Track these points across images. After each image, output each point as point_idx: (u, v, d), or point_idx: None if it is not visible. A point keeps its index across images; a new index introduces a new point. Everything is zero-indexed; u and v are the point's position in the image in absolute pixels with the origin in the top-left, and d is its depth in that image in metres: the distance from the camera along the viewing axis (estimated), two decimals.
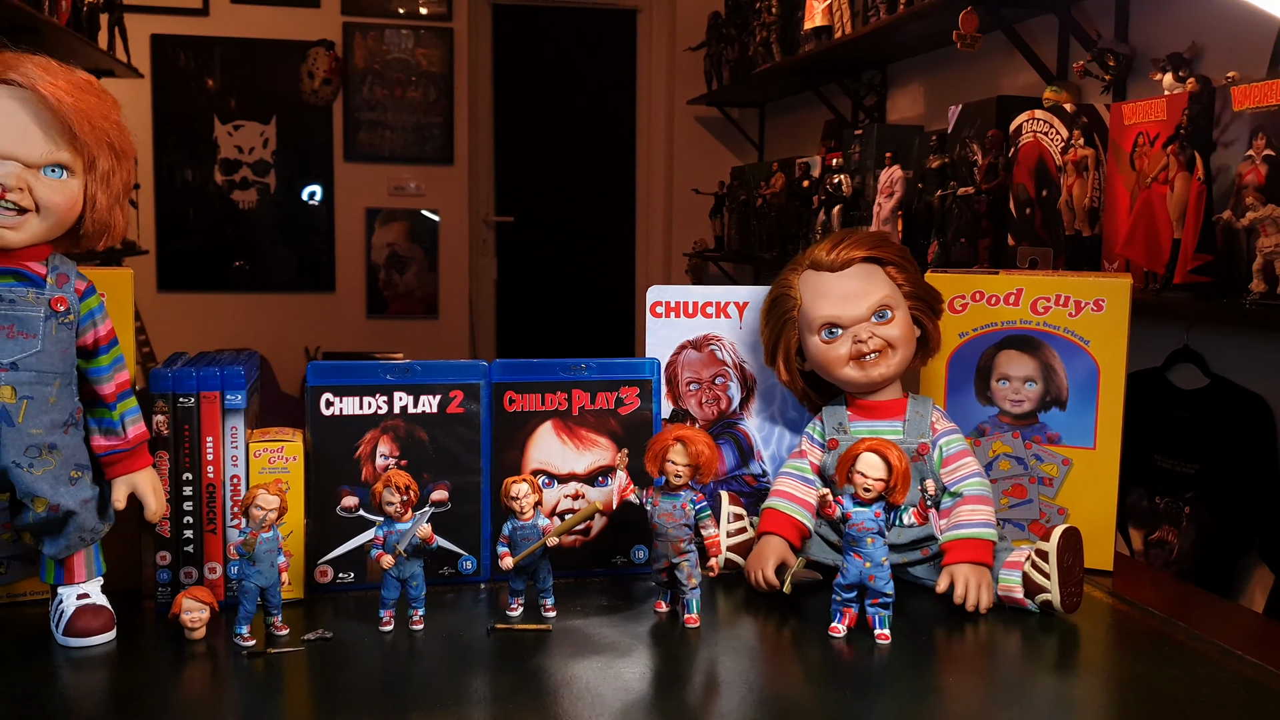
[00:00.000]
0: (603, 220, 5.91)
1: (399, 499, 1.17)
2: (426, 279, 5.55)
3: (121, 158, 1.13)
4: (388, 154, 5.41)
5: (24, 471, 1.09)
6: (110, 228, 1.14)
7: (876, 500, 1.14)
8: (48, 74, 1.07)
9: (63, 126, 1.07)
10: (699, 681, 1.09)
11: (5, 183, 1.06)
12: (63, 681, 1.09)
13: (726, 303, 1.45)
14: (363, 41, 5.30)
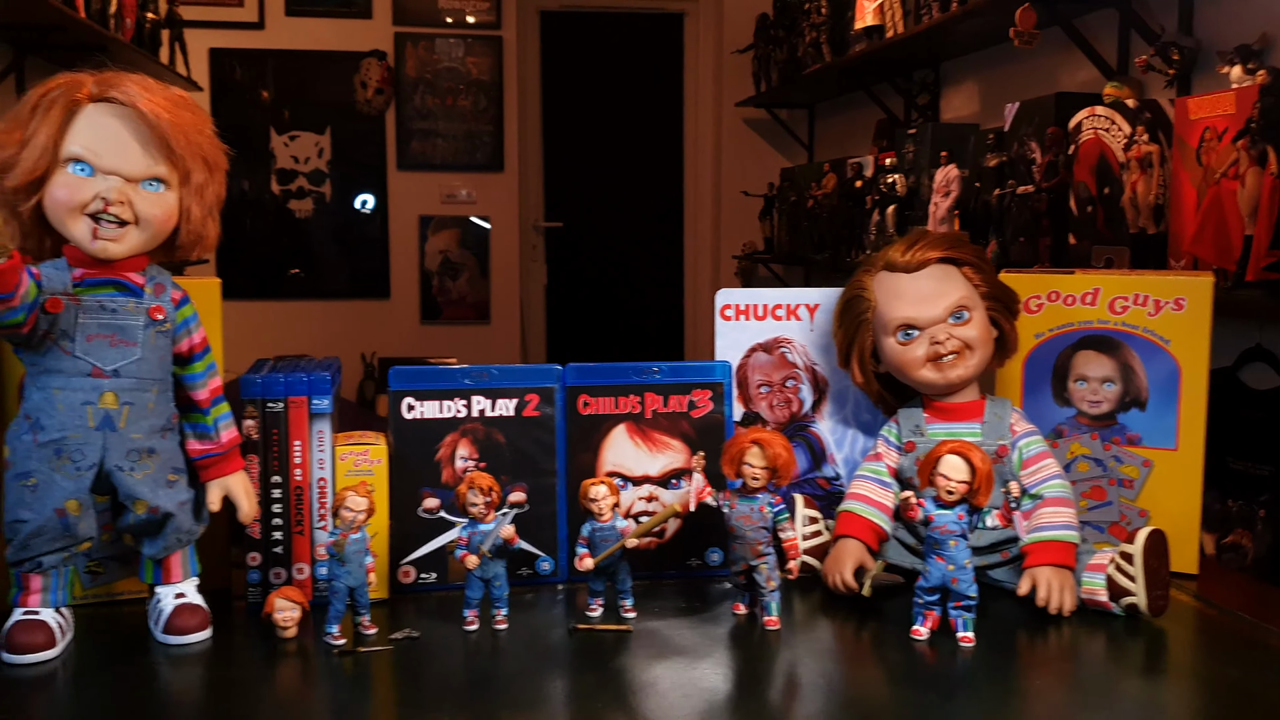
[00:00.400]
0: (651, 224, 5.92)
1: (482, 500, 1.19)
2: (478, 285, 5.60)
3: (214, 170, 1.17)
4: (439, 162, 5.46)
5: (125, 474, 1.13)
6: (203, 238, 1.18)
7: (959, 503, 1.14)
8: (146, 91, 1.11)
9: (160, 142, 1.11)
10: (781, 683, 1.10)
11: (108, 196, 1.09)
12: (162, 678, 1.12)
13: (797, 305, 1.46)
14: (414, 51, 5.36)
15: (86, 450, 1.11)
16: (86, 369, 1.11)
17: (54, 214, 1.10)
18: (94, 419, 1.11)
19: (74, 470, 1.11)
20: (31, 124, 1.09)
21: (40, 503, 1.11)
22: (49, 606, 1.15)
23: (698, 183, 5.79)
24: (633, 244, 5.95)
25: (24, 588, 1.14)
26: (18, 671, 1.10)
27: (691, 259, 5.87)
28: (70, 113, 1.09)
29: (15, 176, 1.08)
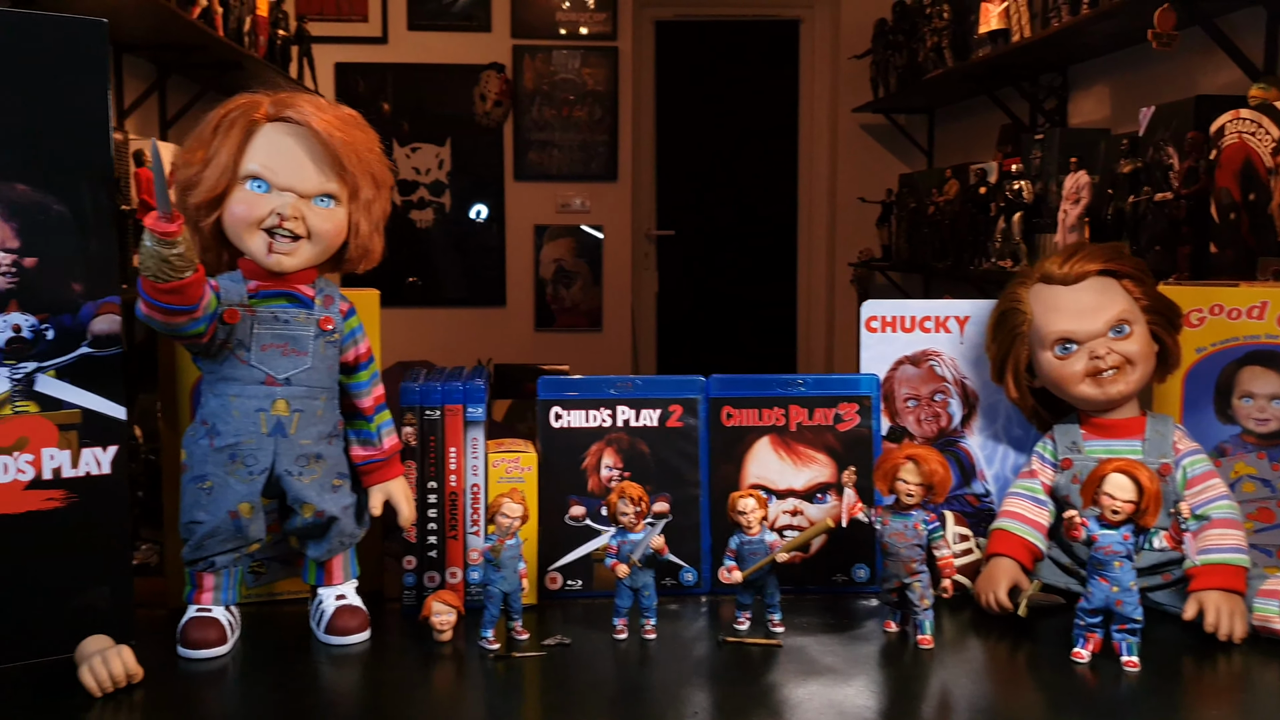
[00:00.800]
0: (764, 232, 5.90)
1: (633, 510, 1.20)
2: (591, 293, 5.65)
3: (381, 187, 1.21)
4: (555, 172, 5.53)
5: (294, 479, 1.17)
6: (370, 252, 1.22)
7: (1125, 523, 1.11)
8: (319, 110, 1.15)
9: (332, 159, 1.15)
10: (936, 705, 1.09)
11: (283, 212, 1.14)
12: (325, 677, 1.16)
13: (946, 317, 1.44)
14: (531, 63, 5.44)
15: (259, 455, 1.15)
16: (260, 377, 1.15)
17: (232, 229, 1.15)
18: (266, 425, 1.15)
19: (247, 474, 1.15)
20: (213, 144, 1.14)
21: (215, 505, 1.16)
22: (220, 604, 1.20)
23: (812, 189, 5.74)
24: (745, 252, 5.94)
25: (198, 586, 1.20)
26: (193, 666, 1.16)
27: (805, 267, 5.82)
28: (249, 132, 1.14)
29: (198, 194, 1.14)
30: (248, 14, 3.80)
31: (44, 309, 1.14)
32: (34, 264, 1.13)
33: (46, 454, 1.15)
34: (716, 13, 5.71)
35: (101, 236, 1.16)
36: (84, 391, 1.16)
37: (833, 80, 5.53)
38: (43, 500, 1.15)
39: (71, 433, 1.16)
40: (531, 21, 5.40)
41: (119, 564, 1.20)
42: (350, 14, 5.27)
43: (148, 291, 1.06)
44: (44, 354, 1.14)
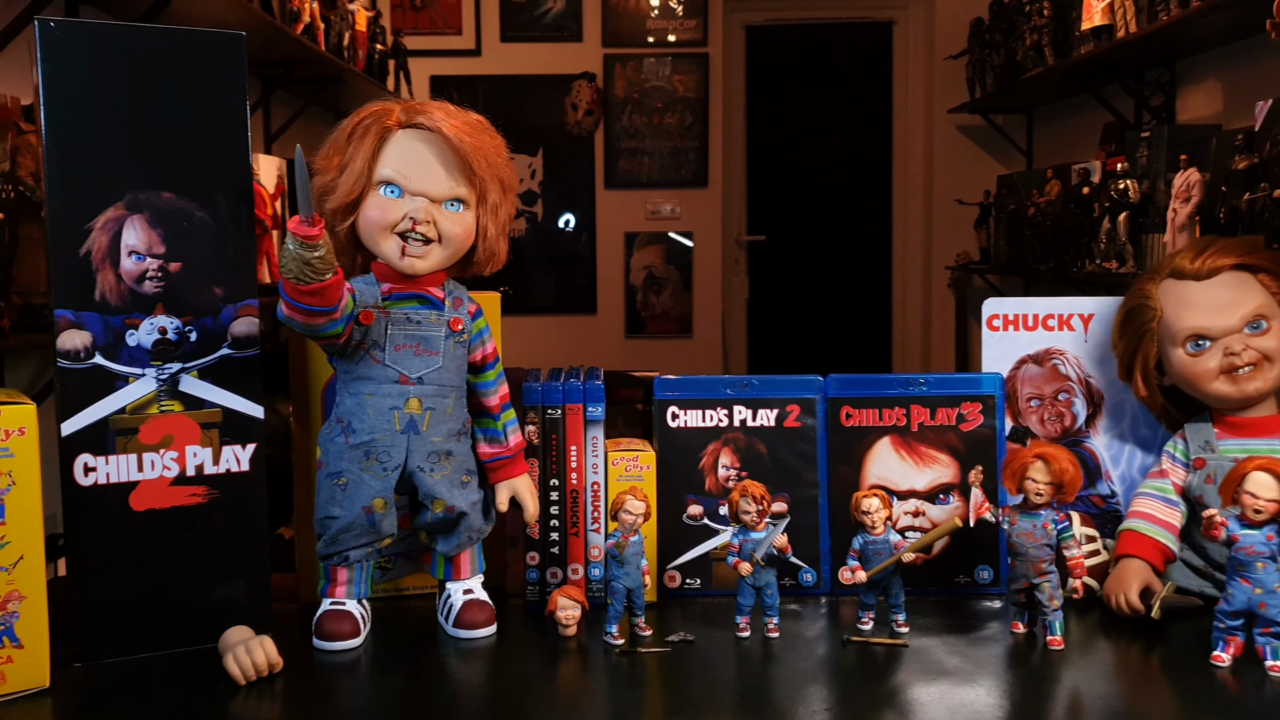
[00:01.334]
0: (857, 236, 5.85)
1: (755, 508, 1.21)
2: (681, 299, 5.66)
3: (507, 191, 1.23)
4: (645, 179, 5.56)
5: (426, 475, 1.20)
6: (496, 255, 1.25)
7: (1268, 522, 1.08)
8: (449, 117, 1.19)
9: (463, 164, 1.18)
10: (1068, 706, 1.07)
11: (415, 216, 1.17)
12: (453, 669, 1.18)
13: (1070, 315, 1.42)
14: (622, 72, 5.48)
15: (393, 452, 1.19)
16: (394, 376, 1.19)
17: (366, 233, 1.19)
18: (400, 423, 1.19)
19: (381, 470, 1.19)
20: (348, 151, 1.18)
21: (350, 500, 1.19)
22: (353, 598, 1.23)
23: (907, 192, 5.68)
24: (838, 256, 5.89)
25: (332, 580, 1.23)
26: (327, 658, 1.19)
27: (900, 270, 5.76)
28: (382, 139, 1.18)
29: (334, 199, 1.18)
30: (347, 30, 3.91)
31: (188, 312, 1.18)
32: (179, 269, 1.18)
33: (190, 451, 1.20)
34: (808, 16, 5.69)
35: (240, 242, 1.20)
36: (224, 391, 1.21)
37: (927, 81, 5.47)
38: (186, 496, 1.20)
39: (213, 431, 1.21)
40: (622, 30, 5.44)
41: (257, 558, 1.24)
42: (445, 28, 5.37)
43: (289, 293, 1.10)
44: (187, 355, 1.19)
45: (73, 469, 1.15)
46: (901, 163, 5.69)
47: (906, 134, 5.65)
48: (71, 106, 1.13)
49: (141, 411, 1.17)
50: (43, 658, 1.10)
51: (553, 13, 5.40)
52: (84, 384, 1.15)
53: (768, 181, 5.81)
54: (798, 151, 5.83)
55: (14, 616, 1.08)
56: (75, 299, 1.14)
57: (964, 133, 5.36)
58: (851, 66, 5.78)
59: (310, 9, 3.40)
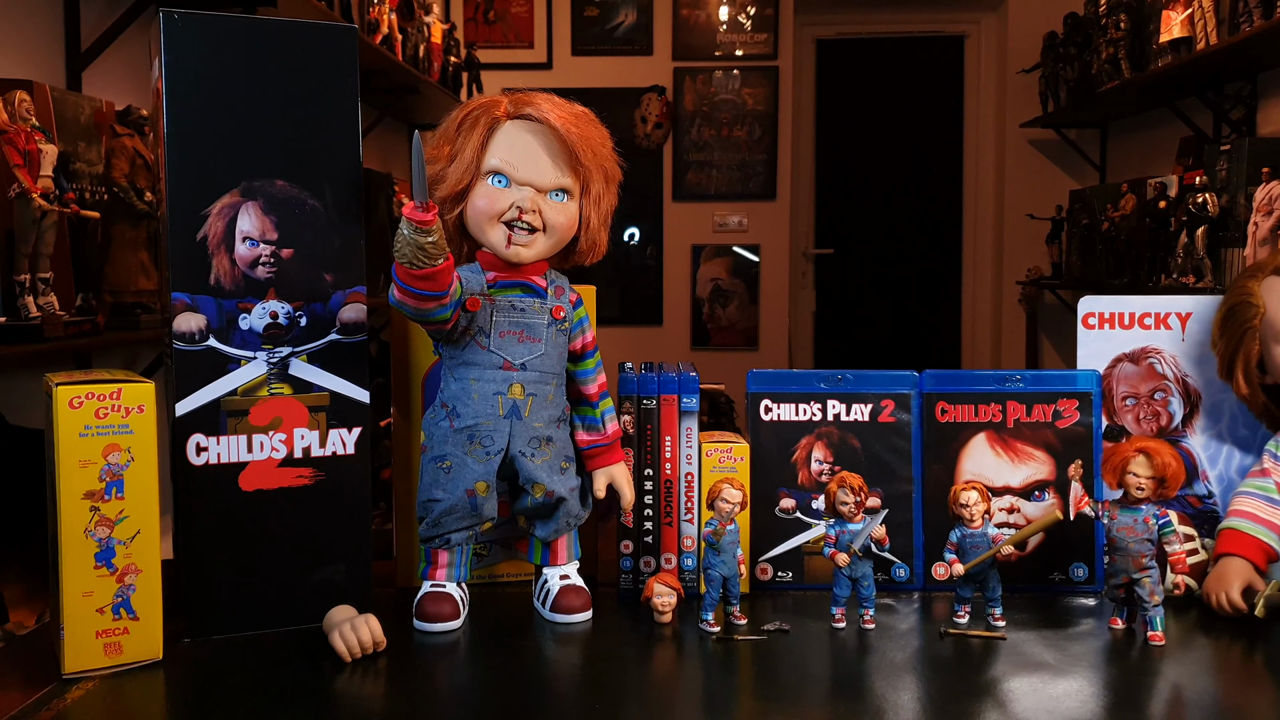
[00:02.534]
0: (926, 250, 5.82)
1: (853, 499, 1.21)
2: (747, 312, 5.66)
3: (610, 182, 1.26)
4: (713, 192, 5.58)
5: (527, 460, 1.22)
6: (598, 245, 1.27)
7: None
8: (556, 108, 1.21)
9: (568, 155, 1.21)
10: (1169, 701, 1.06)
11: (522, 205, 1.20)
12: (550, 652, 1.20)
13: (1167, 313, 1.41)
14: (692, 85, 5.52)
15: (496, 436, 1.21)
16: (499, 362, 1.21)
17: (474, 222, 1.22)
18: (503, 408, 1.21)
19: (484, 454, 1.21)
20: (458, 141, 1.21)
21: (453, 484, 1.22)
22: (453, 581, 1.26)
23: (978, 206, 5.64)
24: (906, 270, 5.87)
25: (433, 563, 1.26)
26: (428, 639, 1.21)
27: (970, 285, 5.71)
28: (490, 129, 1.21)
29: (445, 188, 1.21)
30: (422, 42, 3.98)
31: (299, 297, 1.22)
32: (290, 255, 1.21)
33: (298, 434, 1.23)
34: (879, 29, 5.69)
35: (350, 230, 1.23)
36: (332, 375, 1.24)
37: (999, 95, 5.43)
38: (294, 477, 1.23)
39: (320, 414, 1.24)
40: (692, 44, 5.48)
41: (360, 540, 1.26)
42: (517, 42, 5.45)
43: (402, 278, 1.13)
44: (297, 339, 1.22)
45: (185, 449, 1.18)
46: (972, 177, 5.66)
47: (978, 148, 5.62)
48: (191, 95, 1.16)
49: (252, 394, 1.21)
50: (156, 631, 1.13)
51: (624, 26, 5.45)
52: (198, 366, 1.18)
53: (836, 195, 5.81)
54: (867, 165, 5.83)
55: (131, 589, 1.11)
56: (191, 283, 1.18)
57: (1036, 147, 5.31)
58: (922, 80, 5.77)
59: (389, 20, 3.48)
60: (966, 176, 5.68)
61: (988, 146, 5.55)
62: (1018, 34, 5.25)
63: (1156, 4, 3.72)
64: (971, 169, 5.66)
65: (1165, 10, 3.64)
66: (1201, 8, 3.45)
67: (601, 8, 5.44)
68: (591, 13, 5.44)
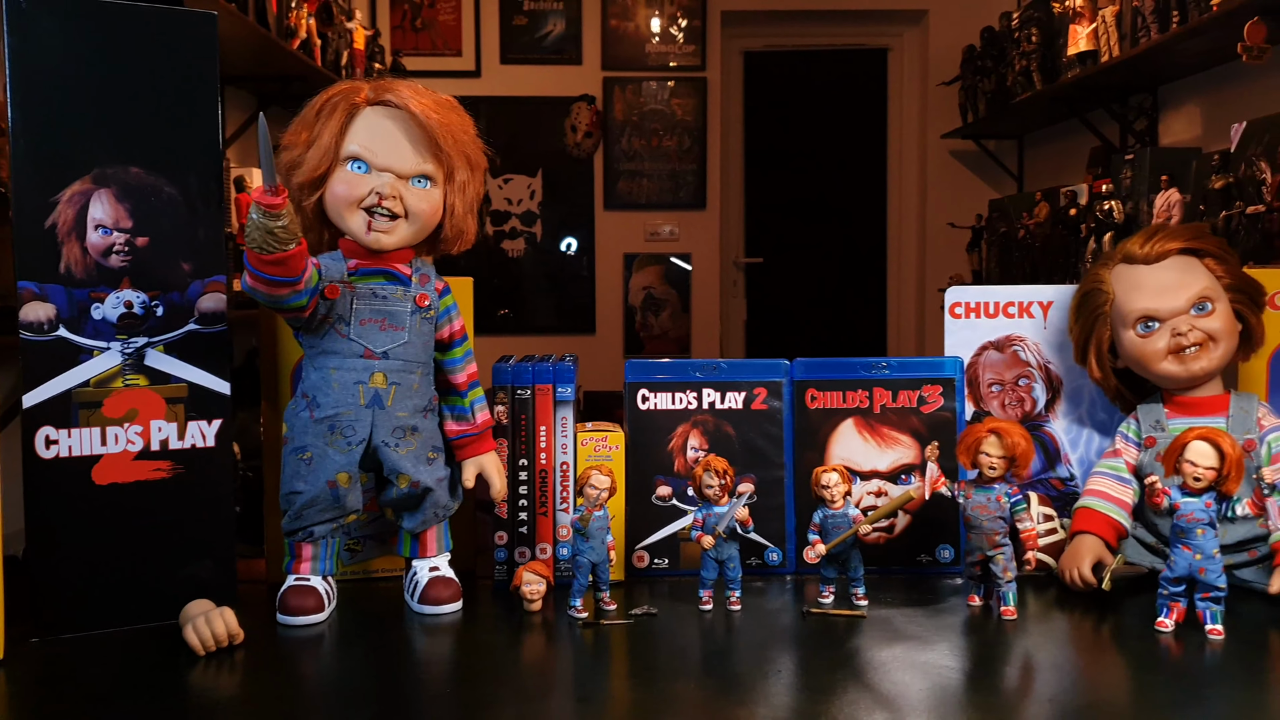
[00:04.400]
0: (853, 259, 5.89)
1: (718, 482, 1.23)
2: (680, 320, 5.69)
3: (475, 169, 1.26)
4: (644, 201, 5.61)
5: (391, 450, 1.22)
6: (464, 233, 1.28)
7: (1207, 490, 1.10)
8: (417, 94, 1.22)
9: (429, 141, 1.21)
10: (1017, 669, 1.09)
11: (382, 191, 1.20)
12: (418, 643, 1.20)
13: (1030, 302, 1.44)
14: (621, 95, 5.54)
15: (357, 426, 1.21)
16: (359, 350, 1.21)
17: (333, 208, 1.22)
18: (365, 397, 1.21)
19: (345, 445, 1.21)
20: (316, 126, 1.21)
21: (314, 475, 1.21)
22: (318, 574, 1.25)
23: (902, 216, 5.72)
24: (834, 279, 5.93)
25: (296, 556, 1.25)
26: (291, 632, 1.20)
27: (895, 293, 5.79)
28: (350, 115, 1.21)
29: (302, 174, 1.20)
30: (345, 48, 3.96)
31: (154, 286, 1.20)
32: (146, 243, 1.19)
33: (155, 426, 1.21)
34: (805, 43, 5.76)
35: (210, 219, 1.22)
36: (190, 366, 1.22)
37: (922, 107, 5.53)
38: (150, 470, 1.21)
39: (178, 406, 1.22)
40: (622, 54, 5.51)
41: (222, 534, 1.25)
42: (445, 49, 5.44)
43: (253, 264, 1.12)
44: (153, 329, 1.20)
45: (34, 441, 1.16)
46: (896, 187, 5.74)
47: (901, 158, 5.70)
48: (38, 78, 1.14)
49: (106, 385, 1.19)
50: None
51: (553, 35, 5.47)
52: (47, 356, 1.16)
53: (765, 204, 5.86)
54: (795, 175, 5.89)
55: None
56: (39, 271, 1.16)
57: (957, 157, 5.41)
58: (848, 92, 5.84)
59: (307, 25, 3.46)
60: (890, 186, 5.76)
61: (910, 157, 5.64)
62: (938, 47, 5.35)
63: (1065, 18, 3.81)
64: (895, 179, 5.74)
65: (1072, 25, 3.74)
66: (1105, 22, 3.54)
67: (530, 17, 5.45)
68: (520, 21, 5.45)
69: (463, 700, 1.03)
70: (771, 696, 1.01)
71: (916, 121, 5.58)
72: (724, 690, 1.03)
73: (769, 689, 1.02)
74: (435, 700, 1.04)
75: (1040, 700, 1.00)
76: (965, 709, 0.97)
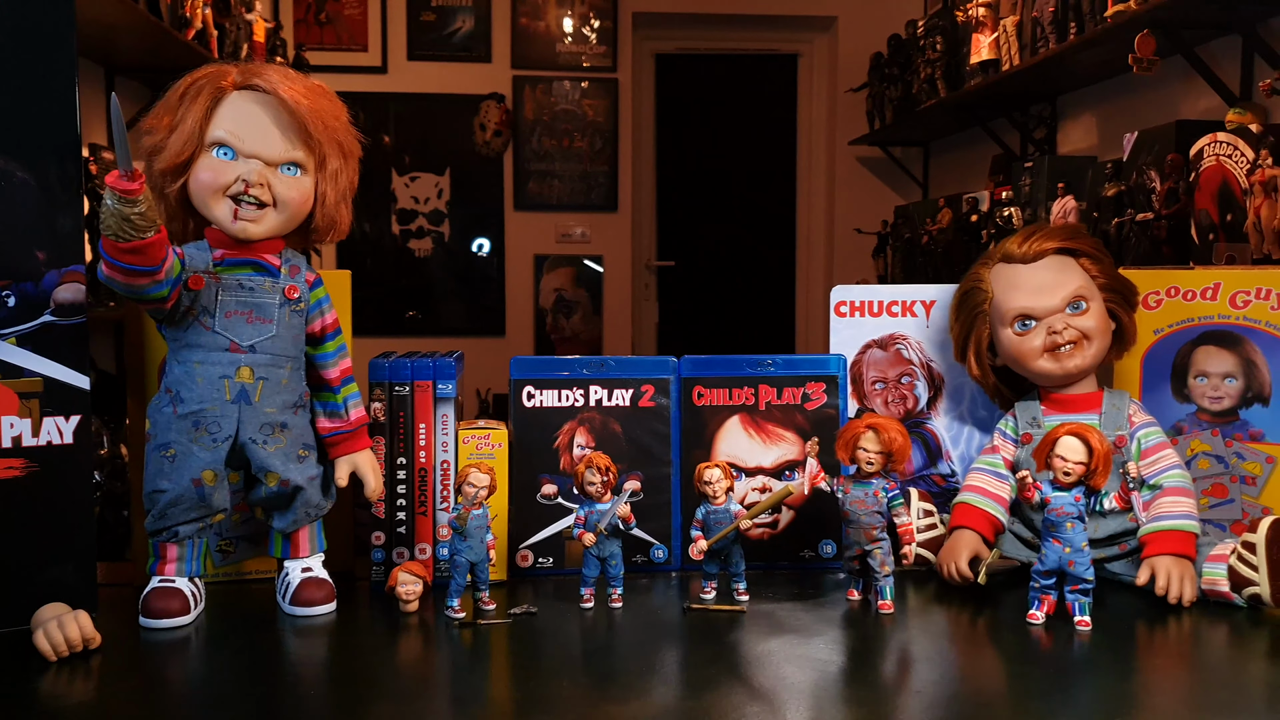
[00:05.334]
0: (763, 262, 5.94)
1: (600, 479, 1.21)
2: (591, 323, 5.67)
3: (348, 157, 1.23)
4: (555, 202, 5.57)
5: (259, 447, 1.18)
6: (337, 223, 1.24)
7: (1076, 484, 1.12)
8: (286, 80, 1.18)
9: (299, 128, 1.17)
10: (894, 659, 1.09)
11: (248, 179, 1.16)
12: (289, 645, 1.16)
13: (913, 301, 1.45)
14: (532, 94, 5.50)
15: (223, 422, 1.16)
16: (225, 344, 1.17)
17: (198, 196, 1.17)
18: (230, 392, 1.17)
19: (210, 441, 1.16)
20: (180, 110, 1.16)
21: (178, 473, 1.16)
22: (183, 576, 1.20)
23: (811, 221, 5.79)
24: (745, 282, 5.97)
25: (161, 557, 1.20)
26: (154, 635, 1.16)
27: (803, 296, 5.85)
28: (215, 100, 1.16)
29: (163, 160, 1.16)
30: (244, 40, 3.85)
31: (5, 275, 1.14)
32: None
33: (6, 422, 1.15)
34: (716, 46, 5.79)
35: (67, 207, 1.17)
36: (46, 360, 1.16)
37: (830, 113, 5.59)
38: (2, 469, 1.15)
39: (33, 401, 1.16)
40: (532, 53, 5.47)
41: (82, 536, 1.19)
42: (351, 44, 5.34)
43: (109, 252, 1.07)
44: (4, 321, 1.14)
45: None
46: (805, 192, 5.80)
47: (810, 164, 5.76)
48: None
49: None
50: None
51: (461, 33, 5.41)
52: None
53: (677, 207, 5.87)
54: (707, 178, 5.91)
55: None
56: None
57: (864, 164, 5.49)
58: (759, 97, 5.89)
59: (203, 15, 3.36)
60: (800, 191, 5.82)
61: (820, 163, 5.71)
62: (847, 54, 5.42)
63: (968, 27, 3.89)
64: (805, 184, 5.80)
65: (975, 34, 3.81)
66: (1006, 32, 3.62)
67: (438, 13, 5.38)
68: (428, 18, 5.38)
69: (331, 702, 1.00)
70: (649, 692, 0.99)
71: (825, 127, 5.65)
72: (601, 688, 1.01)
73: (647, 685, 1.01)
74: (302, 702, 1.01)
75: (911, 691, 1.00)
76: (839, 701, 0.97)
